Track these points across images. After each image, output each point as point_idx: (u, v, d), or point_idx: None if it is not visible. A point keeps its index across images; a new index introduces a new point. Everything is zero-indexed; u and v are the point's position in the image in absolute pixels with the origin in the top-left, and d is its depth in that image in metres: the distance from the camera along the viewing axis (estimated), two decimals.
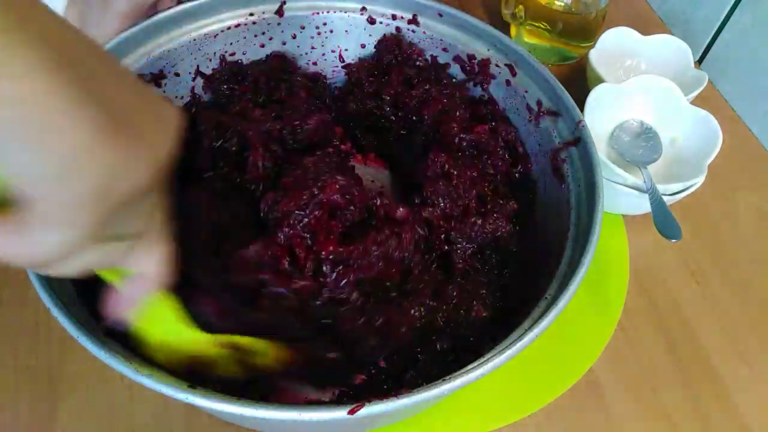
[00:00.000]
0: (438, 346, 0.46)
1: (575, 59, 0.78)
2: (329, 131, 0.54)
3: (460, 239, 0.50)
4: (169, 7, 0.53)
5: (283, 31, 0.60)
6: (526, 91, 0.55)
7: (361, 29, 0.61)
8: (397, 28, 0.60)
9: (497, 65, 0.57)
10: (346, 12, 0.60)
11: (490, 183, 0.53)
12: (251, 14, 0.58)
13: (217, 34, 0.57)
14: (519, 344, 0.37)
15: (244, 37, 0.58)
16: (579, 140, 0.50)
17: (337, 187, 0.45)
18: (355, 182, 0.47)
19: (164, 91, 0.56)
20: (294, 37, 0.60)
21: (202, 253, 0.42)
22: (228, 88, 0.58)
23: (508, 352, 0.36)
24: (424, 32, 0.59)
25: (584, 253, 0.42)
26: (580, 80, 0.72)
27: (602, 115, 0.64)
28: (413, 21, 0.59)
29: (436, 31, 0.59)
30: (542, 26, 0.74)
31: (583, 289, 0.42)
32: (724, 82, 0.76)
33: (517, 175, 0.55)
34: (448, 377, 0.36)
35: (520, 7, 0.74)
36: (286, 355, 0.39)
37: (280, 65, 0.59)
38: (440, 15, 0.58)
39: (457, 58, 0.59)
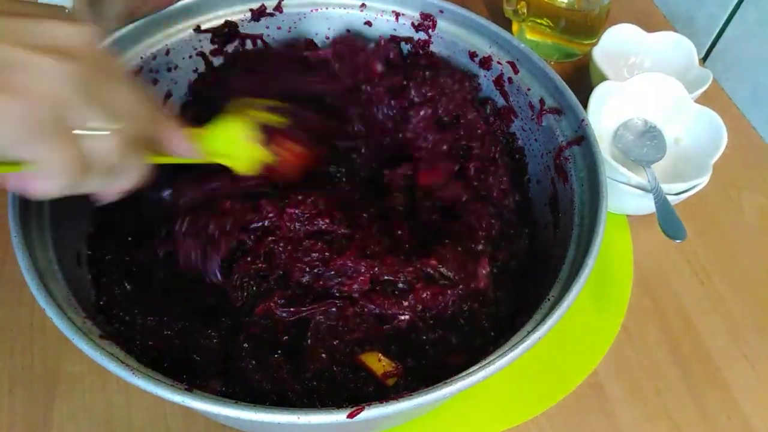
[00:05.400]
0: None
1: (578, 56, 0.77)
2: None
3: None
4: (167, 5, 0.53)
5: (279, 28, 0.59)
6: (529, 89, 0.54)
7: (360, 24, 0.60)
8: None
9: (499, 62, 0.56)
10: (345, 8, 0.59)
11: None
12: (250, 10, 0.57)
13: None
14: (522, 347, 0.36)
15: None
16: (582, 139, 0.49)
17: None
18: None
19: (162, 89, 0.55)
20: (290, 30, 0.60)
21: None
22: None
23: (511, 355, 0.36)
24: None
25: (588, 254, 0.41)
26: (583, 78, 0.72)
27: (606, 113, 0.63)
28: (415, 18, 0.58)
29: (438, 27, 0.58)
30: (545, 23, 0.73)
31: (586, 290, 0.42)
32: (729, 80, 0.75)
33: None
34: (448, 380, 0.35)
35: (522, 3, 0.73)
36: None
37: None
38: (441, 12, 0.57)
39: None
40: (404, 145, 0.55)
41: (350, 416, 0.33)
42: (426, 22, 0.58)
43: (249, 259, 0.45)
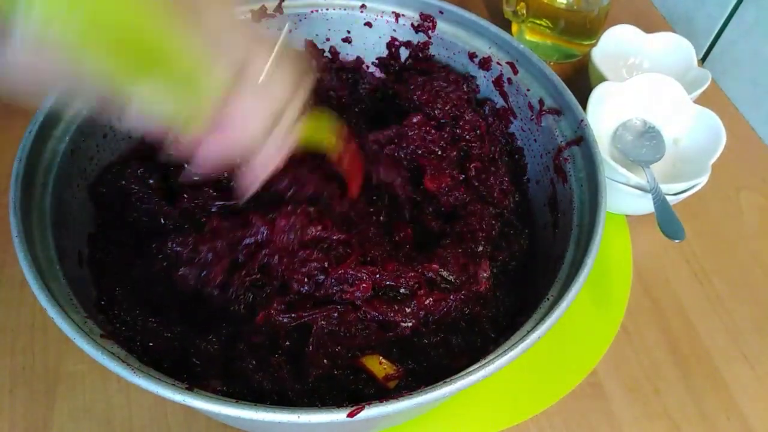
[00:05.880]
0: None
1: (577, 57, 0.77)
2: None
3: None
4: None
5: (280, 29, 0.59)
6: (528, 90, 0.54)
7: (360, 25, 0.60)
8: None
9: (498, 63, 0.56)
10: (345, 9, 0.59)
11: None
12: (251, 11, 0.57)
13: None
14: (521, 346, 0.36)
15: None
16: (581, 139, 0.49)
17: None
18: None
19: None
20: (290, 32, 0.60)
21: None
22: None
23: (511, 354, 0.36)
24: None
25: (587, 254, 0.41)
26: (582, 78, 0.72)
27: (605, 114, 0.63)
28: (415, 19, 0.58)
29: (437, 28, 0.58)
30: (544, 24, 0.73)
31: (586, 290, 0.42)
32: (728, 81, 0.75)
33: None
34: (448, 380, 0.35)
35: (522, 4, 0.73)
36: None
37: None
38: (441, 12, 0.57)
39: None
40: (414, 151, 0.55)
41: (350, 415, 0.33)
42: (426, 23, 0.58)
43: (244, 272, 0.44)
